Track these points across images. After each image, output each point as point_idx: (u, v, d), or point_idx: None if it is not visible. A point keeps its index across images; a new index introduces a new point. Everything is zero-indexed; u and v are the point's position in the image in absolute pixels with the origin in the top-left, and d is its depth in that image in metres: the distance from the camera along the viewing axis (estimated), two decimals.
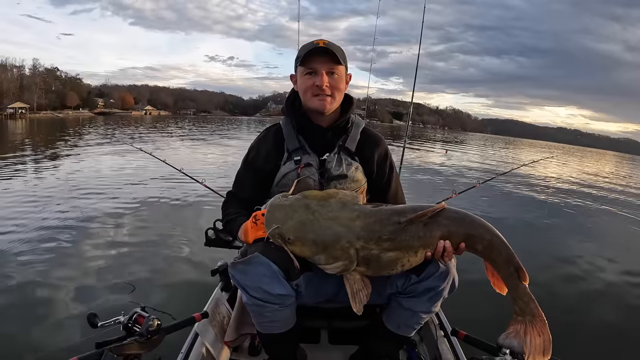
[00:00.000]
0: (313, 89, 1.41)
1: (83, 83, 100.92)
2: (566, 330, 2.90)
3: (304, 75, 1.43)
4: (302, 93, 1.46)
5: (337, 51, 1.40)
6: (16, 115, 54.78)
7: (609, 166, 34.85)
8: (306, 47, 1.42)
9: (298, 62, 1.44)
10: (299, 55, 1.44)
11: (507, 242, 1.15)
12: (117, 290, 3.15)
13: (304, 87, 1.44)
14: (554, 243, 5.66)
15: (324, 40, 1.41)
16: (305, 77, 1.42)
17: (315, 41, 1.42)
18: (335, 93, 1.43)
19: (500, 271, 1.16)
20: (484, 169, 16.07)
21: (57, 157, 11.79)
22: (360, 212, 1.16)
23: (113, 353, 1.19)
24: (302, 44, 1.49)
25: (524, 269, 1.13)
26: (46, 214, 5.20)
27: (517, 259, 1.14)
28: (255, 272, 1.20)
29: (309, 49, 1.39)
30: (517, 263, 1.14)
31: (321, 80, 1.39)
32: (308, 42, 1.45)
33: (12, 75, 72.37)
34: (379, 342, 1.50)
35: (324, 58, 1.39)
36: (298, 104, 1.51)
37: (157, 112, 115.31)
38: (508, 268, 1.14)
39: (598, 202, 10.42)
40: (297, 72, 1.47)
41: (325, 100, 1.42)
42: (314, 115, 1.48)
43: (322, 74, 1.40)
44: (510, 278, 1.15)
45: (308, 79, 1.42)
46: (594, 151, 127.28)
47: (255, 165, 1.51)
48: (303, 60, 1.40)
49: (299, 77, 1.46)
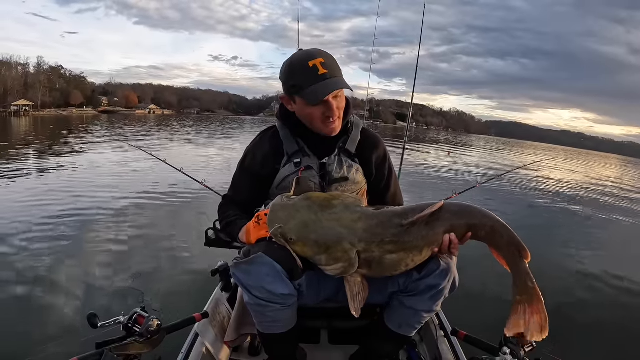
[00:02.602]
0: (322, 118, 1.33)
1: (87, 81, 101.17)
2: (565, 330, 2.89)
3: (308, 106, 1.31)
4: (306, 121, 1.38)
5: (337, 72, 1.28)
6: (20, 113, 55.10)
7: (614, 170, 34.70)
8: (303, 73, 1.26)
9: (294, 91, 1.30)
10: (296, 84, 1.28)
11: (507, 225, 1.18)
12: (117, 290, 3.16)
13: (309, 117, 1.34)
14: (554, 242, 5.67)
15: (320, 59, 1.25)
16: (310, 108, 1.31)
17: (311, 62, 1.24)
18: (340, 112, 1.36)
19: (504, 253, 1.19)
20: (485, 171, 16.04)
21: (59, 156, 11.81)
22: (362, 214, 1.16)
23: (113, 353, 1.19)
24: (298, 50, 1.34)
25: (526, 247, 1.16)
26: (46, 213, 5.22)
27: (519, 239, 1.16)
28: (258, 272, 1.19)
29: (312, 82, 1.25)
30: (518, 242, 1.16)
31: (332, 112, 1.30)
32: (303, 63, 1.26)
33: (17, 73, 72.51)
34: (379, 342, 1.50)
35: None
36: (293, 113, 1.42)
37: (161, 111, 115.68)
38: (510, 249, 1.17)
39: (600, 203, 10.40)
40: (296, 100, 1.33)
41: (334, 124, 1.35)
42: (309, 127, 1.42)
43: (331, 106, 1.29)
44: (512, 258, 1.18)
45: (314, 110, 1.31)
46: (598, 154, 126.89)
47: (252, 170, 1.48)
48: (307, 93, 1.27)
49: (300, 106, 1.33)
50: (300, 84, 1.27)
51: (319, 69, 1.24)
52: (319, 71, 1.24)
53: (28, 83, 72.47)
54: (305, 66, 1.25)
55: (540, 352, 1.26)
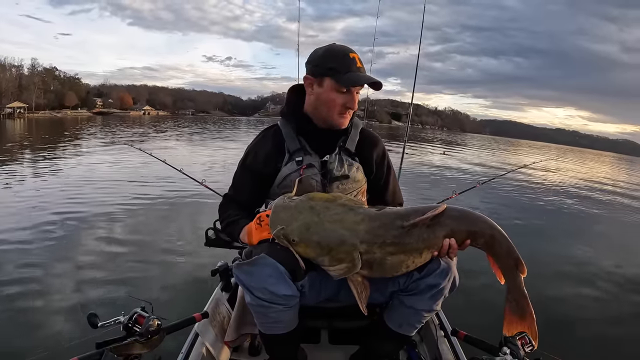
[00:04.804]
0: (341, 108, 1.39)
1: (81, 83, 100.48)
2: (565, 330, 2.91)
3: (335, 91, 1.37)
4: (325, 106, 1.41)
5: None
6: (14, 115, 54.65)
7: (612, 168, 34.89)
8: (346, 61, 1.35)
9: (330, 74, 1.35)
10: (334, 66, 1.35)
11: (507, 236, 1.19)
12: (117, 290, 3.16)
13: (332, 102, 1.38)
14: (553, 243, 5.68)
15: (358, 56, 1.37)
16: (335, 94, 1.37)
17: (351, 55, 1.35)
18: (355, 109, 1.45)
19: (501, 263, 1.20)
20: (483, 170, 16.09)
21: (56, 157, 11.77)
22: (365, 215, 1.16)
23: (113, 353, 1.18)
24: (316, 47, 1.42)
25: (523, 262, 1.18)
26: (45, 213, 5.20)
27: (517, 252, 1.18)
28: (261, 273, 1.19)
29: (349, 70, 1.34)
30: (516, 256, 1.18)
31: (354, 104, 1.39)
32: (341, 52, 1.37)
33: (11, 74, 72.03)
34: (379, 342, 1.50)
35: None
36: (299, 107, 1.47)
37: (155, 113, 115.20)
38: (508, 260, 1.19)
39: (597, 202, 10.45)
40: (325, 83, 1.38)
41: (348, 117, 1.43)
42: (317, 119, 1.45)
43: (355, 97, 1.39)
44: (508, 270, 1.19)
45: (338, 96, 1.37)
46: (593, 152, 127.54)
47: (254, 168, 1.49)
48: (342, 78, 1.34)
49: (326, 89, 1.38)
50: (339, 68, 1.34)
51: (357, 62, 1.36)
52: (357, 64, 1.36)
53: (22, 85, 71.97)
54: (346, 55, 1.36)
55: (540, 352, 1.26)
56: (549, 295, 3.64)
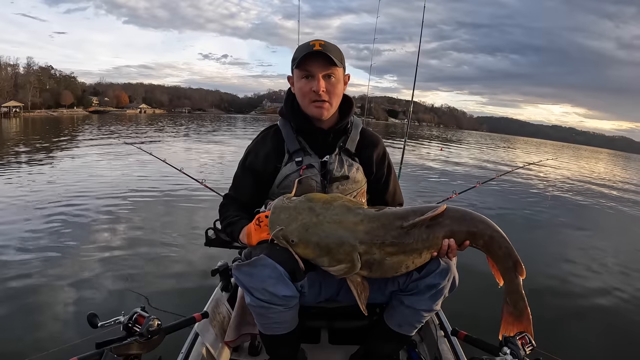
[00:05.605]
0: (310, 95, 1.39)
1: (77, 81, 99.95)
2: (565, 330, 2.92)
3: (301, 79, 1.40)
4: (299, 97, 1.44)
5: (333, 53, 1.36)
6: (10, 114, 54.30)
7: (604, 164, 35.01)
8: (302, 48, 1.38)
9: (294, 64, 1.40)
10: (295, 57, 1.40)
11: (507, 237, 1.19)
12: (117, 290, 3.15)
13: (301, 91, 1.41)
14: (553, 242, 5.70)
15: (320, 41, 1.37)
16: (302, 81, 1.40)
17: (312, 42, 1.37)
18: (332, 98, 1.41)
19: (500, 265, 1.20)
20: (483, 169, 16.10)
21: (54, 157, 11.68)
22: (364, 216, 1.16)
23: (113, 353, 1.18)
24: (300, 44, 1.45)
25: (522, 265, 1.18)
26: (44, 213, 5.18)
27: (516, 254, 1.19)
28: (260, 274, 1.19)
29: (305, 52, 1.35)
30: (515, 258, 1.19)
31: (318, 86, 1.36)
32: (304, 43, 1.40)
33: (7, 73, 71.65)
34: (379, 342, 1.50)
35: (320, 61, 1.35)
36: (297, 106, 1.48)
37: (152, 111, 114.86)
38: (507, 262, 1.19)
39: (599, 200, 10.48)
40: (294, 75, 1.44)
41: (323, 107, 1.40)
42: (314, 118, 1.46)
43: (318, 79, 1.37)
44: (507, 272, 1.20)
45: (305, 84, 1.39)
46: (590, 149, 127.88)
47: (254, 168, 1.49)
48: (299, 63, 1.37)
49: (295, 80, 1.43)
50: (297, 56, 1.38)
51: (315, 45, 1.36)
52: (315, 47, 1.35)
53: (18, 84, 71.68)
54: (307, 45, 1.38)
55: (541, 352, 1.26)
56: (549, 295, 3.65)
